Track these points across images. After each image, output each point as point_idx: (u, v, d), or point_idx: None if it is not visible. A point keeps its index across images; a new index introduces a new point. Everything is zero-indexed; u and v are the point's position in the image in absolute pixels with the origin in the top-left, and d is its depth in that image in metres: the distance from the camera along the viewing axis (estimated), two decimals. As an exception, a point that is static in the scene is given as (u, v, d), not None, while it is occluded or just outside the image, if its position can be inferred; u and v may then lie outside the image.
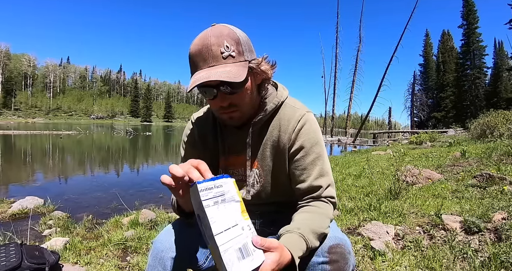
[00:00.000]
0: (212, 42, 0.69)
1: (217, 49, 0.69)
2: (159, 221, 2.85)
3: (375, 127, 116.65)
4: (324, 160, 0.84)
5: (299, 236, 0.66)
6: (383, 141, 19.31)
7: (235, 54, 0.71)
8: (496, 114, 8.39)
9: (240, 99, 0.76)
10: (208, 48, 0.69)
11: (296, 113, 0.85)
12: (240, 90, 0.73)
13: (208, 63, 0.70)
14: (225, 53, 0.69)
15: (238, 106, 0.76)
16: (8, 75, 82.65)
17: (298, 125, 0.83)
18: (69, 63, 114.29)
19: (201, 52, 0.70)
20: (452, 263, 1.56)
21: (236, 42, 0.71)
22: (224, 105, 0.75)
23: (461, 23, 36.68)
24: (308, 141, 0.83)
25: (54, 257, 1.55)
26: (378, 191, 3.12)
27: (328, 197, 0.82)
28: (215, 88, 0.71)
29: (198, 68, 0.71)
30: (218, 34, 0.70)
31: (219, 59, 0.69)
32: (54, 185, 5.53)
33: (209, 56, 0.69)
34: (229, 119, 0.80)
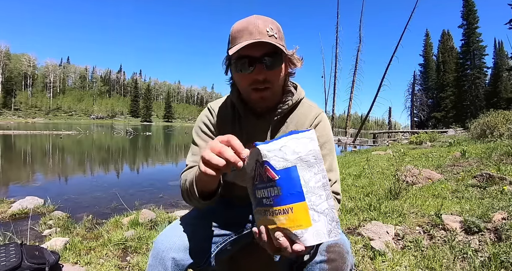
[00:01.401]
0: (258, 22, 0.75)
1: (263, 27, 0.74)
2: (159, 221, 2.85)
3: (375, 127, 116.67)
4: (334, 157, 0.89)
5: None
6: (383, 141, 19.31)
7: (277, 36, 0.76)
8: (496, 114, 8.39)
9: (275, 76, 0.79)
10: (255, 25, 0.74)
11: (313, 111, 0.91)
12: (278, 66, 0.78)
13: (254, 36, 0.73)
14: (269, 32, 0.75)
15: (272, 83, 0.79)
16: (8, 75, 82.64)
17: (315, 121, 0.89)
18: (69, 63, 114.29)
19: (248, 27, 0.74)
20: (452, 263, 1.56)
21: (278, 28, 0.78)
22: (260, 78, 0.77)
23: (461, 23, 36.70)
24: (322, 137, 0.88)
25: (54, 257, 1.55)
26: (378, 191, 3.12)
27: (334, 192, 0.85)
28: (254, 60, 0.75)
29: (243, 40, 0.74)
30: (263, 18, 0.77)
31: (264, 35, 0.74)
32: (54, 185, 5.53)
33: (255, 31, 0.74)
34: (259, 99, 0.81)
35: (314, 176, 0.50)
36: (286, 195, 0.49)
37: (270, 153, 0.51)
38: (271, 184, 0.51)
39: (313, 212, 0.49)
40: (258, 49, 0.74)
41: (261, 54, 0.75)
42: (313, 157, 0.50)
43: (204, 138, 0.93)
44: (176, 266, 0.78)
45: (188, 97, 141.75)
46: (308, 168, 0.50)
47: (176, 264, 0.77)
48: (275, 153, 0.51)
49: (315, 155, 0.51)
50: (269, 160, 0.51)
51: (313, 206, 0.49)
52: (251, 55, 0.75)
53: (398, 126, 52.82)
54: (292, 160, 0.50)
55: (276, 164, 0.50)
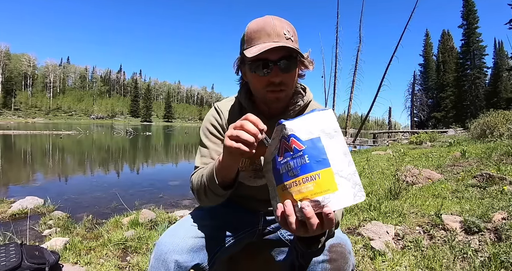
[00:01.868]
0: (276, 23, 0.75)
1: (281, 29, 0.75)
2: (159, 221, 2.85)
3: (375, 127, 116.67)
4: None
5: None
6: (383, 141, 19.31)
7: (293, 39, 0.77)
8: (496, 114, 8.39)
9: (290, 79, 0.80)
10: (273, 26, 0.74)
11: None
12: (293, 69, 0.79)
13: (272, 39, 0.74)
14: (286, 35, 0.75)
15: (287, 85, 0.80)
16: (8, 75, 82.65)
17: None
18: (69, 63, 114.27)
19: (265, 28, 0.74)
20: (452, 263, 1.56)
21: (293, 31, 0.79)
22: (276, 81, 0.77)
23: (461, 23, 36.68)
24: None
25: (54, 257, 1.55)
26: (378, 191, 3.12)
27: None
28: (272, 63, 0.75)
29: (260, 41, 0.74)
30: (280, 19, 0.77)
31: (282, 37, 0.74)
32: (54, 185, 5.53)
33: (273, 33, 0.74)
34: (275, 99, 0.82)
35: (336, 145, 0.55)
36: (313, 162, 0.54)
37: (295, 127, 0.57)
38: (298, 155, 0.55)
39: (338, 177, 0.53)
40: (276, 52, 0.74)
41: (278, 57, 0.75)
42: (333, 130, 0.56)
43: (213, 140, 0.92)
44: (179, 268, 0.77)
45: (188, 97, 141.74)
46: (330, 139, 0.55)
47: (179, 266, 0.77)
48: (300, 127, 0.57)
49: (335, 129, 0.57)
50: (295, 133, 0.56)
51: (338, 171, 0.53)
52: (268, 58, 0.74)
53: (398, 126, 52.79)
54: (316, 132, 0.56)
55: (302, 136, 0.56)
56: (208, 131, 0.93)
